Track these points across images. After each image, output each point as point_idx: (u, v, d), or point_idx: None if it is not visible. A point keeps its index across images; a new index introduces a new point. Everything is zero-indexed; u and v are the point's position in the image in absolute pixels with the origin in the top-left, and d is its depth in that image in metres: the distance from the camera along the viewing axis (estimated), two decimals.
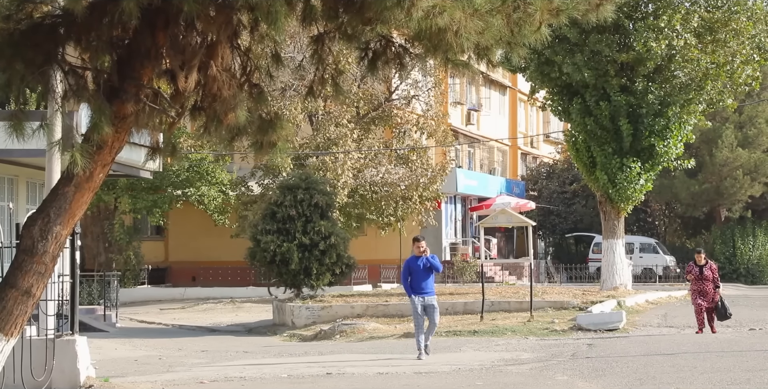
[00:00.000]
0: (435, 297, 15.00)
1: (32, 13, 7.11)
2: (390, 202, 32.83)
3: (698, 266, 18.15)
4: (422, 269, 14.80)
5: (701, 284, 18.03)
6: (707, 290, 17.98)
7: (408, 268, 14.96)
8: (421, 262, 14.86)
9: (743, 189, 44.07)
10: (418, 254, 14.97)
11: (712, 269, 18.27)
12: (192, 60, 7.09)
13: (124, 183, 31.00)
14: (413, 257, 15.02)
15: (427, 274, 14.84)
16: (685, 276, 19.57)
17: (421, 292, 14.74)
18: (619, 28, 26.00)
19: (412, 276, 14.82)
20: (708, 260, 18.43)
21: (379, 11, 6.58)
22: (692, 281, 18.15)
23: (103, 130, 6.90)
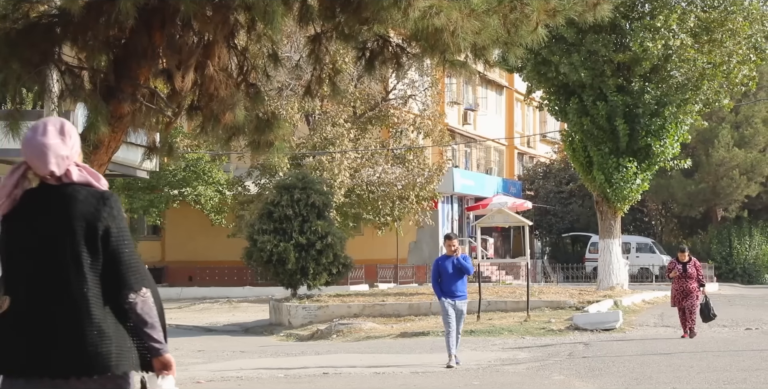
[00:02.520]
0: (466, 301, 13.74)
1: (29, 12, 7.10)
2: (387, 202, 32.84)
3: (681, 264, 17.17)
4: (453, 270, 13.48)
5: (684, 283, 17.04)
6: (690, 288, 16.97)
7: (437, 269, 13.65)
8: (451, 262, 13.52)
9: (740, 189, 44.13)
10: (449, 253, 13.63)
11: (696, 266, 17.24)
12: (189, 60, 7.09)
13: (121, 183, 30.96)
14: (443, 257, 13.72)
15: (459, 275, 13.55)
16: (666, 274, 18.64)
17: (452, 295, 13.41)
18: (616, 28, 26.02)
19: (442, 278, 13.50)
20: (692, 257, 17.41)
21: (376, 11, 6.58)
22: (675, 279, 17.20)
23: (99, 129, 6.90)
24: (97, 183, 3.80)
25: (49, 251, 3.73)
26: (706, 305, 17.15)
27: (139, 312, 3.80)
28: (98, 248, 3.74)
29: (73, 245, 3.71)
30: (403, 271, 37.56)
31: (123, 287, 3.77)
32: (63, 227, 3.72)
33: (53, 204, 3.76)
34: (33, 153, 3.77)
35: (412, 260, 39.38)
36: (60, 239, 3.72)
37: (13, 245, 3.78)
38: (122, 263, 3.77)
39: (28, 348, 3.68)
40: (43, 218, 3.75)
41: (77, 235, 3.71)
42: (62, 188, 3.77)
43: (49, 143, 3.76)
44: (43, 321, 3.71)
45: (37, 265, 3.75)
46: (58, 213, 3.74)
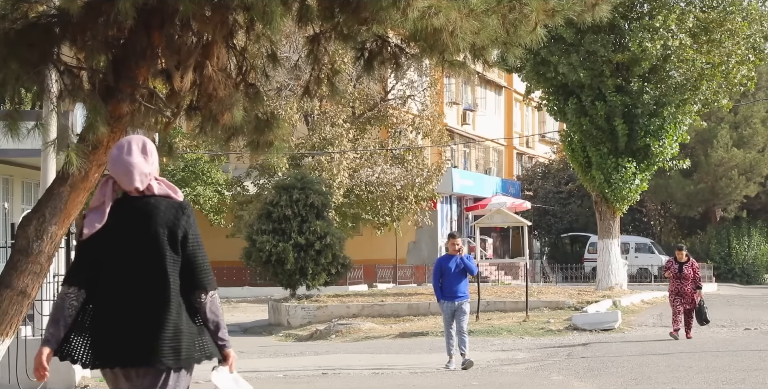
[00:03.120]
0: (468, 300, 13.42)
1: (27, 12, 7.09)
2: (386, 202, 32.85)
3: (678, 264, 16.66)
4: (455, 270, 13.16)
5: (680, 284, 16.58)
6: (686, 290, 16.53)
7: (439, 269, 13.31)
8: (454, 262, 13.19)
9: (738, 189, 44.16)
10: (453, 252, 13.29)
11: (694, 267, 16.68)
12: (188, 60, 7.08)
13: None
14: (446, 256, 13.41)
15: (461, 276, 13.23)
16: (662, 274, 18.09)
17: (452, 297, 13.12)
18: (615, 29, 26.04)
19: (444, 278, 13.19)
20: (690, 258, 16.87)
21: (374, 11, 6.57)
22: (671, 279, 16.75)
23: (98, 130, 6.89)
24: (174, 195, 4.38)
25: (135, 255, 4.25)
26: (700, 308, 16.69)
27: (208, 311, 4.32)
28: (178, 252, 4.29)
29: (157, 248, 4.25)
30: (402, 271, 37.56)
31: (197, 288, 4.30)
32: (148, 233, 4.25)
33: (138, 213, 4.30)
34: (120, 171, 4.31)
35: (411, 260, 39.38)
36: (145, 243, 4.24)
37: (101, 249, 4.29)
38: (197, 265, 4.33)
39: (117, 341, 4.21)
40: (129, 226, 4.28)
41: (161, 240, 4.25)
42: (145, 199, 4.32)
43: (134, 161, 4.31)
44: (128, 316, 4.22)
45: (124, 267, 4.25)
46: (143, 221, 4.27)
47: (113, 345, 4.23)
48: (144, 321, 4.21)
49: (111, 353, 4.23)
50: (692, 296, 16.54)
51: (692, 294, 16.55)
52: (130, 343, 4.21)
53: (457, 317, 13.15)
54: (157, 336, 4.20)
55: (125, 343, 4.21)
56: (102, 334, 4.26)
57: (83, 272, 4.33)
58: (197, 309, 4.32)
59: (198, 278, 4.32)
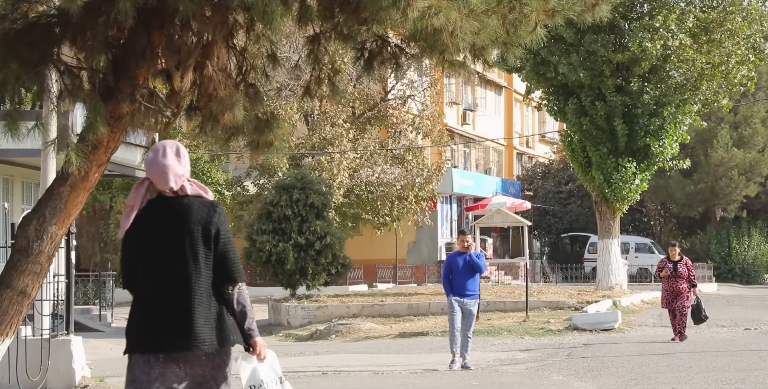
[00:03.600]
0: (477, 301, 13.36)
1: (27, 12, 7.09)
2: (386, 202, 32.85)
3: (672, 262, 16.44)
4: (465, 267, 13.08)
5: (675, 283, 16.31)
6: (681, 289, 16.28)
7: (448, 265, 13.26)
8: (463, 259, 13.13)
9: (738, 189, 44.17)
10: (462, 249, 13.21)
11: (688, 265, 16.45)
12: (188, 60, 7.08)
13: (120, 183, 30.96)
14: (455, 253, 13.34)
15: (471, 273, 13.15)
16: (656, 273, 17.72)
17: (462, 294, 13.05)
18: (615, 29, 26.04)
19: (453, 275, 13.13)
20: (683, 256, 16.69)
21: (374, 11, 6.57)
22: (665, 279, 16.48)
23: (98, 130, 6.88)
24: (205, 195, 4.74)
25: (171, 250, 4.63)
26: (697, 306, 16.42)
27: (236, 302, 4.68)
28: (210, 247, 4.64)
29: (192, 244, 4.62)
30: (402, 271, 37.57)
31: (227, 280, 4.67)
32: (183, 230, 4.62)
33: (173, 212, 4.67)
34: (156, 172, 4.68)
35: (411, 260, 39.38)
36: (181, 240, 4.62)
37: (139, 245, 4.68)
38: (228, 259, 4.67)
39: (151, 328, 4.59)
40: (165, 223, 4.65)
41: (195, 236, 4.62)
42: (179, 199, 4.70)
43: (169, 164, 4.68)
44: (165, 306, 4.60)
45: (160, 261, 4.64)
46: (178, 219, 4.64)
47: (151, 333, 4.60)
48: (179, 310, 4.58)
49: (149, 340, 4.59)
50: (687, 294, 16.29)
51: (687, 293, 16.29)
52: (166, 331, 4.57)
53: (465, 320, 13.04)
54: (190, 324, 4.55)
55: (162, 331, 4.58)
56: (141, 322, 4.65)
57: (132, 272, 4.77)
58: (226, 300, 4.68)
59: (228, 271, 4.68)
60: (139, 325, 4.66)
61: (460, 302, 13.04)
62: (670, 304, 16.34)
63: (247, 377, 4.78)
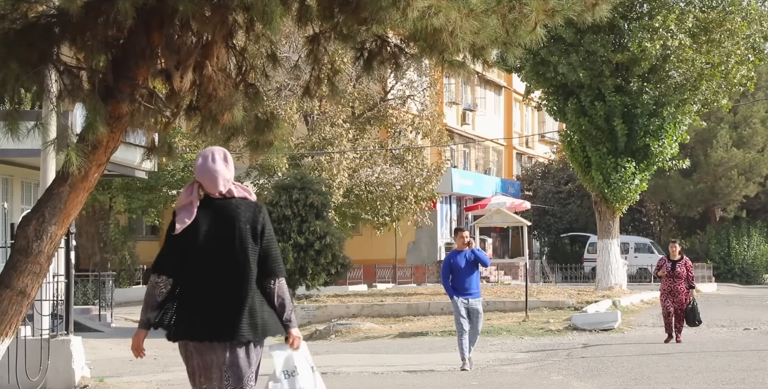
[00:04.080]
0: (480, 299, 12.96)
1: (27, 12, 7.09)
2: (385, 202, 32.83)
3: (671, 262, 16.03)
4: (466, 265, 12.69)
5: (673, 283, 15.92)
6: (679, 289, 15.88)
7: (449, 265, 12.82)
8: (464, 257, 12.73)
9: (738, 189, 44.18)
10: (461, 247, 12.81)
11: (687, 266, 16.03)
12: (187, 60, 7.08)
13: (119, 183, 30.97)
14: (454, 252, 12.93)
15: (472, 271, 12.74)
16: (654, 272, 17.06)
17: (464, 293, 12.69)
18: (614, 29, 26.05)
19: (454, 274, 12.73)
20: (683, 256, 16.26)
21: (374, 11, 6.57)
22: (663, 278, 16.06)
23: (98, 130, 6.88)
24: (250, 197, 5.20)
25: (221, 247, 5.05)
26: (692, 309, 15.95)
27: (278, 295, 5.12)
28: (257, 244, 5.07)
29: (241, 242, 5.04)
30: (402, 271, 37.57)
31: (269, 275, 5.10)
32: (232, 229, 5.05)
33: (224, 212, 5.10)
34: (206, 177, 5.13)
35: (411, 260, 39.38)
36: (232, 237, 5.04)
37: (189, 243, 5.08)
38: (271, 255, 5.11)
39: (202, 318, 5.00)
40: (215, 223, 5.08)
41: (243, 234, 5.05)
42: (227, 200, 5.14)
43: (218, 169, 5.14)
44: (214, 298, 5.01)
45: (212, 257, 5.05)
46: (229, 219, 5.08)
47: (199, 322, 5.01)
48: (227, 302, 4.99)
49: (197, 329, 5.02)
50: (685, 295, 15.91)
51: (685, 294, 15.92)
52: (214, 321, 4.98)
53: (473, 319, 12.72)
54: (237, 315, 4.97)
55: (210, 321, 4.99)
56: (189, 313, 5.05)
57: (171, 263, 5.12)
58: (268, 293, 5.11)
59: (271, 267, 5.12)
60: (189, 315, 5.06)
61: (466, 303, 12.67)
62: (667, 304, 15.95)
63: (282, 363, 5.21)
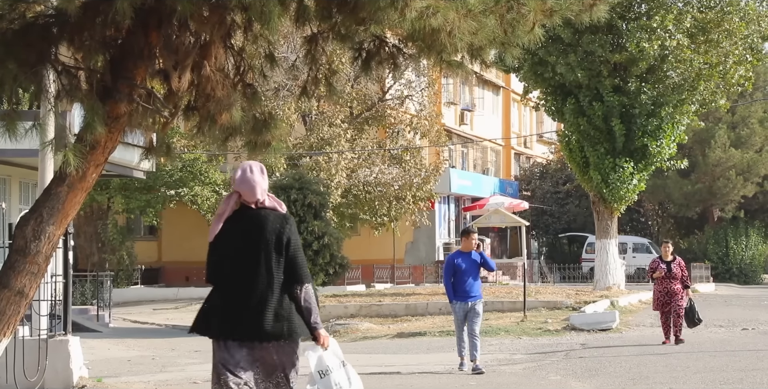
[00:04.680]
0: (481, 300, 12.63)
1: (25, 12, 7.09)
2: (383, 202, 32.83)
3: (665, 263, 15.63)
4: (470, 267, 12.36)
5: (668, 284, 15.54)
6: (675, 290, 15.52)
7: (451, 267, 12.46)
8: (469, 259, 12.42)
9: (736, 189, 44.20)
10: (467, 248, 12.44)
11: (681, 266, 15.66)
12: (185, 60, 7.08)
13: (118, 183, 30.95)
14: (457, 253, 12.62)
15: (475, 273, 12.43)
16: (648, 275, 16.49)
17: (466, 297, 12.41)
18: (612, 29, 26.06)
19: (457, 277, 12.40)
20: (676, 256, 15.89)
21: (372, 12, 6.57)
22: (657, 280, 15.64)
23: (96, 130, 6.88)
24: (280, 208, 5.62)
25: (250, 254, 5.48)
26: (690, 308, 15.67)
27: (305, 299, 5.55)
28: (282, 253, 5.48)
29: (267, 250, 5.46)
30: (400, 271, 37.58)
31: (295, 282, 5.52)
32: (261, 238, 5.48)
33: (254, 222, 5.54)
34: (246, 186, 5.58)
35: (409, 260, 39.38)
36: (258, 245, 5.48)
37: (224, 248, 5.60)
38: (297, 264, 5.51)
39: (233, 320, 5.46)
40: (246, 231, 5.54)
41: (270, 243, 5.47)
42: (258, 210, 5.58)
43: (256, 179, 5.58)
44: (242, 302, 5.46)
45: (241, 263, 5.50)
46: (257, 229, 5.52)
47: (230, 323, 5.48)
48: (254, 306, 5.44)
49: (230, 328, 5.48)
50: (681, 295, 15.56)
51: (681, 294, 15.57)
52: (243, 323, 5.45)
53: (470, 319, 12.47)
54: (262, 319, 5.42)
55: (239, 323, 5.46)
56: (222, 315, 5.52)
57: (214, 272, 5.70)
58: (295, 299, 5.53)
59: (297, 274, 5.52)
60: (221, 315, 5.53)
61: (465, 307, 12.43)
62: (664, 306, 15.60)
63: (315, 364, 5.69)
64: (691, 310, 15.69)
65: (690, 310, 15.68)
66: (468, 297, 12.43)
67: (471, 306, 12.49)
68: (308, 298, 5.57)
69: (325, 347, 5.71)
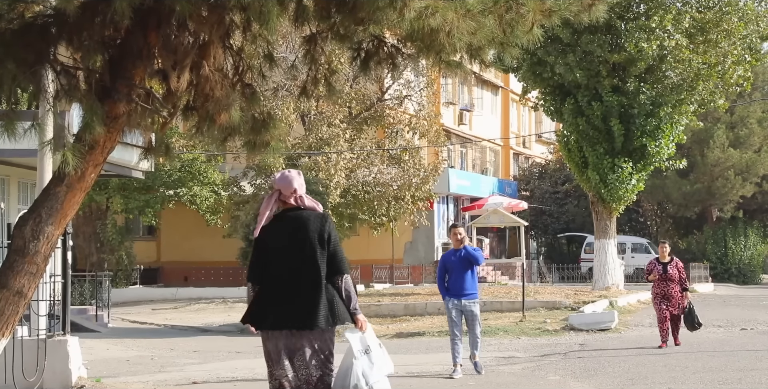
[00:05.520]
0: (477, 301, 12.21)
1: (24, 12, 7.09)
2: (382, 202, 32.83)
3: (662, 264, 15.23)
4: (459, 263, 12.02)
5: (665, 286, 15.15)
6: (672, 293, 15.12)
7: (443, 264, 12.21)
8: (458, 255, 12.07)
9: (735, 189, 44.21)
10: (456, 245, 12.11)
11: (679, 267, 15.26)
12: (184, 60, 7.08)
13: (116, 183, 30.94)
14: (450, 252, 12.29)
15: (467, 270, 12.06)
16: (645, 276, 16.11)
17: (459, 294, 12.03)
18: (611, 29, 26.06)
19: (450, 274, 12.10)
20: (673, 257, 15.50)
21: (371, 12, 6.58)
22: (654, 282, 15.24)
23: (95, 130, 6.88)
24: (317, 208, 6.30)
25: (297, 250, 6.14)
26: (689, 312, 15.25)
27: (345, 288, 6.25)
28: (325, 248, 6.15)
29: (311, 245, 6.14)
30: (399, 271, 37.58)
31: (338, 272, 6.22)
32: (306, 235, 6.16)
33: (296, 222, 6.22)
34: (284, 182, 6.28)
35: (408, 260, 39.39)
36: (303, 242, 6.15)
37: (270, 246, 6.20)
38: (337, 257, 6.21)
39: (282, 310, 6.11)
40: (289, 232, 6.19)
41: (314, 240, 6.15)
42: (299, 210, 6.28)
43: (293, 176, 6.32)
44: (291, 293, 6.11)
45: (288, 259, 6.15)
46: (300, 227, 6.19)
47: (280, 314, 6.10)
48: (303, 297, 6.09)
49: (279, 320, 6.12)
50: (679, 299, 15.16)
51: (679, 297, 15.16)
52: (293, 313, 6.08)
53: (468, 322, 12.13)
54: (313, 309, 6.08)
55: (290, 313, 6.09)
56: (271, 306, 6.15)
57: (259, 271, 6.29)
58: (337, 288, 6.21)
59: (338, 266, 6.22)
60: (270, 308, 6.16)
61: (459, 305, 12.06)
62: (662, 312, 15.15)
63: (357, 344, 6.39)
64: (690, 314, 15.28)
65: (689, 314, 15.28)
66: (461, 295, 12.02)
67: (465, 306, 12.08)
68: (348, 287, 6.26)
69: (363, 330, 6.41)
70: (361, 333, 6.42)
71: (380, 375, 6.48)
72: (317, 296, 6.09)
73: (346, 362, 6.36)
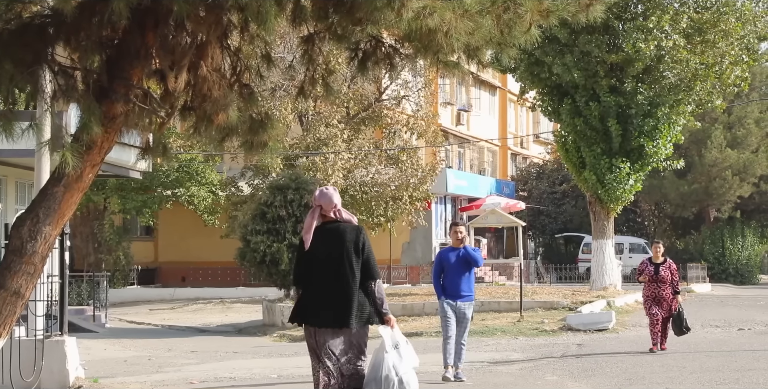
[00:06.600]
0: (472, 303, 11.90)
1: (21, 12, 7.09)
2: (380, 202, 32.82)
3: (654, 265, 14.71)
4: (458, 263, 11.65)
5: (657, 288, 14.60)
6: (664, 295, 14.55)
7: (440, 263, 11.81)
8: (457, 254, 11.68)
9: (732, 190, 44.23)
10: (456, 244, 11.71)
11: (672, 269, 14.69)
12: (182, 60, 7.08)
13: (114, 183, 30.92)
14: (447, 249, 11.89)
15: (464, 271, 11.70)
16: (636, 277, 15.54)
17: (455, 296, 11.68)
18: (609, 29, 26.07)
19: (446, 274, 11.72)
20: (666, 258, 14.92)
21: (369, 12, 6.58)
22: (645, 284, 14.71)
23: (92, 130, 6.88)
24: (353, 220, 7.06)
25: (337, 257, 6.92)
26: (678, 315, 14.63)
27: (375, 292, 7.01)
28: (360, 255, 6.93)
29: (348, 254, 6.93)
30: (396, 272, 37.57)
31: (370, 278, 6.99)
32: (343, 245, 6.94)
33: (335, 234, 6.98)
34: (325, 199, 7.00)
35: (406, 260, 39.39)
36: (341, 251, 6.93)
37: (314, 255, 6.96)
38: (370, 264, 6.99)
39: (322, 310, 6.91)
40: (328, 243, 6.96)
41: (350, 250, 6.93)
42: (337, 223, 7.02)
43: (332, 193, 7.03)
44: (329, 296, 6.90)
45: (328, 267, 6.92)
46: (339, 238, 6.96)
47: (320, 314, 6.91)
48: (340, 299, 6.87)
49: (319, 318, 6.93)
50: (671, 302, 14.59)
51: (671, 300, 14.59)
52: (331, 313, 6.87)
53: (459, 322, 11.73)
54: (347, 310, 6.86)
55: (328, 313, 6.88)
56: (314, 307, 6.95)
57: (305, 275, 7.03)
58: (369, 292, 6.97)
59: (370, 272, 6.98)
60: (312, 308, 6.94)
61: (453, 305, 11.68)
62: (654, 315, 14.61)
63: (389, 339, 7.00)
64: (679, 317, 14.67)
65: (678, 317, 14.67)
66: (457, 297, 11.68)
67: (460, 307, 11.75)
68: (380, 290, 7.01)
69: (392, 328, 7.04)
70: (391, 330, 7.03)
71: (408, 368, 7.14)
72: (351, 299, 6.86)
73: (378, 356, 7.03)
